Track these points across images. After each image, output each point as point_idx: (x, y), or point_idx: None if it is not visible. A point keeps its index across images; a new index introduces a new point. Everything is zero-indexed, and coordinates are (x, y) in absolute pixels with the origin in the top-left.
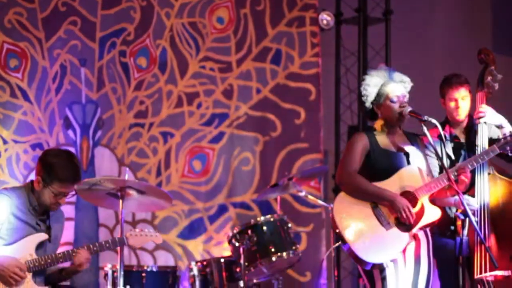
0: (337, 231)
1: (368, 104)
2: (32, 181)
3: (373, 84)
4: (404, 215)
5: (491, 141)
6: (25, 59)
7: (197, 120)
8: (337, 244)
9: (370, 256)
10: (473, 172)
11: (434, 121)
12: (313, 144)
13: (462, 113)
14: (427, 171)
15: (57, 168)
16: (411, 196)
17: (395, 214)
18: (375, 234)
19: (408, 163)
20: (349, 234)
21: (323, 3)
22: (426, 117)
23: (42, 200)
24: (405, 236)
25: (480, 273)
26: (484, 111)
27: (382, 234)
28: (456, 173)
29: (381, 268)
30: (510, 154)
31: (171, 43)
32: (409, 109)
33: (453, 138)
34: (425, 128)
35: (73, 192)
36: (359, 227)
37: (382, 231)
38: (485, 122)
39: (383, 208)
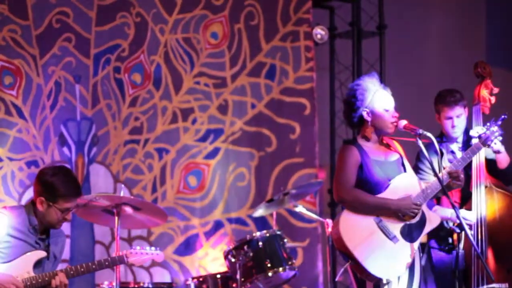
0: (346, 251)
1: (361, 109)
2: (33, 202)
3: (369, 89)
4: (414, 214)
5: (488, 161)
6: (19, 77)
7: (192, 136)
8: (347, 265)
9: (382, 272)
10: (469, 185)
11: (429, 134)
12: (308, 158)
13: (458, 131)
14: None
15: (59, 186)
16: None
17: (406, 218)
18: (384, 248)
19: (404, 169)
20: (359, 253)
21: (317, 17)
22: (421, 131)
23: (48, 220)
24: (411, 246)
25: (477, 286)
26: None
27: (390, 248)
28: (449, 178)
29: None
30: (492, 146)
31: (165, 59)
32: (404, 122)
33: (450, 153)
34: (420, 142)
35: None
36: (367, 244)
37: (390, 245)
38: None
39: (387, 221)
